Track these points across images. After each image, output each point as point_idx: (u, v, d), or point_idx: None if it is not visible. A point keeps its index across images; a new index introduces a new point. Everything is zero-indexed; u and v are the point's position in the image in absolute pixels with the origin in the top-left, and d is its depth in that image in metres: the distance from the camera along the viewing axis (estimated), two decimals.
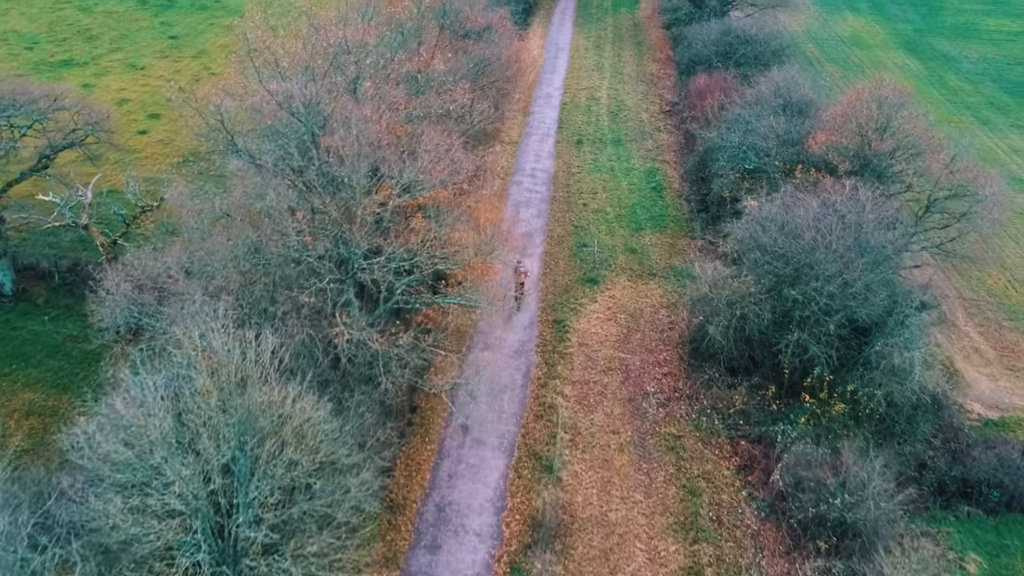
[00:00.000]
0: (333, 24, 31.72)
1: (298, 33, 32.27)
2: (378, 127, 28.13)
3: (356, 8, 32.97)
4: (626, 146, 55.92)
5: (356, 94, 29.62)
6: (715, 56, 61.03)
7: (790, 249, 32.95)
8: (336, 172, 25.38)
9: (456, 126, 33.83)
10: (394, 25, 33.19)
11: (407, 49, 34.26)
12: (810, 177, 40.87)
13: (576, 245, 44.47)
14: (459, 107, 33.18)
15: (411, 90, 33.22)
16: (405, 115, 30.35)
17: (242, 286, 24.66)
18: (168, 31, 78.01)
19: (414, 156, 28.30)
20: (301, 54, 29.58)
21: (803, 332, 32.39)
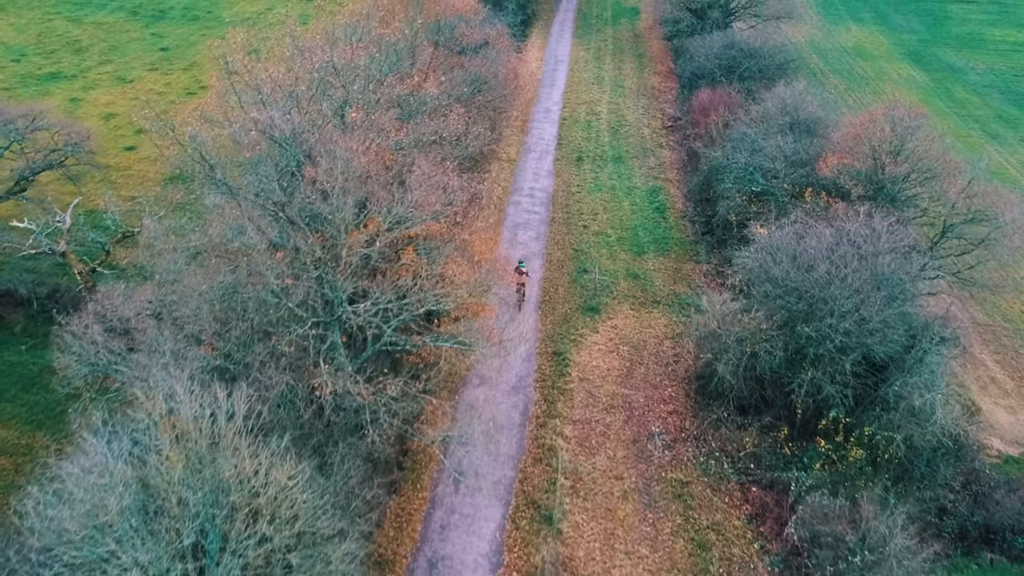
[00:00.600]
0: (319, 46, 29.81)
1: (282, 55, 30.39)
2: (366, 157, 26.21)
3: (343, 28, 31.07)
4: (627, 163, 54.04)
5: (343, 121, 27.73)
6: (718, 70, 59.22)
7: (803, 283, 31.05)
8: (320, 209, 23.47)
9: (450, 151, 31.95)
10: (383, 47, 31.31)
11: (398, 71, 32.33)
12: (821, 201, 39.03)
13: (576, 270, 42.55)
14: (453, 133, 31.32)
15: (402, 114, 31.35)
16: (395, 143, 28.46)
17: (216, 333, 22.72)
18: (159, 43, 76.18)
19: (405, 189, 26.38)
20: (285, 78, 27.68)
21: (817, 371, 30.49)
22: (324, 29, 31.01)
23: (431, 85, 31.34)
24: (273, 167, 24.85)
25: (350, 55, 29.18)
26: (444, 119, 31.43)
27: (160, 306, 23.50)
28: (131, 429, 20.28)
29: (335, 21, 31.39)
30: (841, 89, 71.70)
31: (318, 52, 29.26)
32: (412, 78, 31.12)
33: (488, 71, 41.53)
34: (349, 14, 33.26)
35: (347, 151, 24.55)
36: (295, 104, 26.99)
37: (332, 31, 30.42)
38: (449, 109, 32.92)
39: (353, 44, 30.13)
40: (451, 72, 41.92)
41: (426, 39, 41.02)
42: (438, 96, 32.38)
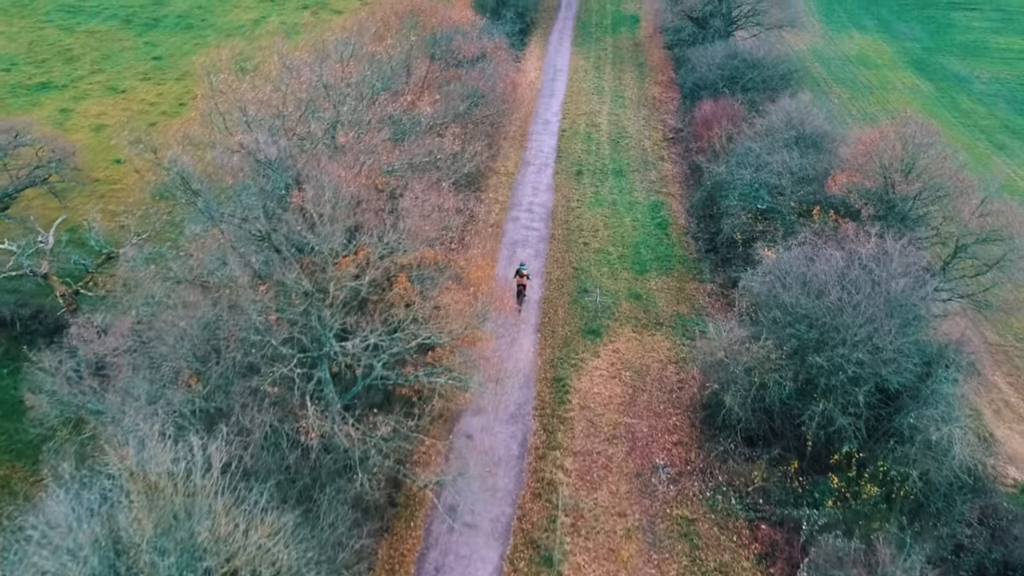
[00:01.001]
0: (307, 63, 28.42)
1: (268, 74, 29.00)
2: (357, 182, 24.83)
3: (334, 46, 29.68)
4: (628, 177, 52.68)
5: (333, 142, 26.36)
6: (720, 81, 57.92)
7: (814, 310, 29.68)
8: (307, 239, 22.09)
9: (446, 172, 30.57)
10: (375, 64, 29.95)
11: (391, 88, 30.91)
12: (829, 220, 37.68)
13: (577, 290, 41.17)
14: (448, 154, 29.93)
15: (396, 133, 29.96)
16: (387, 166, 27.08)
17: (195, 373, 21.32)
18: (152, 52, 74.78)
19: (397, 215, 25.00)
20: (272, 98, 26.29)
21: (829, 402, 29.11)
22: (314, 45, 29.62)
23: (426, 103, 29.97)
24: (258, 193, 23.48)
25: (340, 73, 27.80)
26: (439, 139, 30.04)
27: (137, 343, 22.10)
28: (101, 482, 18.88)
29: (325, 37, 29.95)
30: (845, 99, 70.42)
31: (306, 70, 27.89)
32: (406, 96, 29.71)
33: (485, 85, 40.14)
34: (339, 29, 31.87)
35: (336, 177, 23.16)
36: (282, 126, 25.61)
37: (322, 48, 29.01)
38: (444, 128, 31.51)
39: (344, 61, 28.75)
40: (448, 85, 40.57)
41: (422, 52, 39.67)
42: (433, 115, 30.96)
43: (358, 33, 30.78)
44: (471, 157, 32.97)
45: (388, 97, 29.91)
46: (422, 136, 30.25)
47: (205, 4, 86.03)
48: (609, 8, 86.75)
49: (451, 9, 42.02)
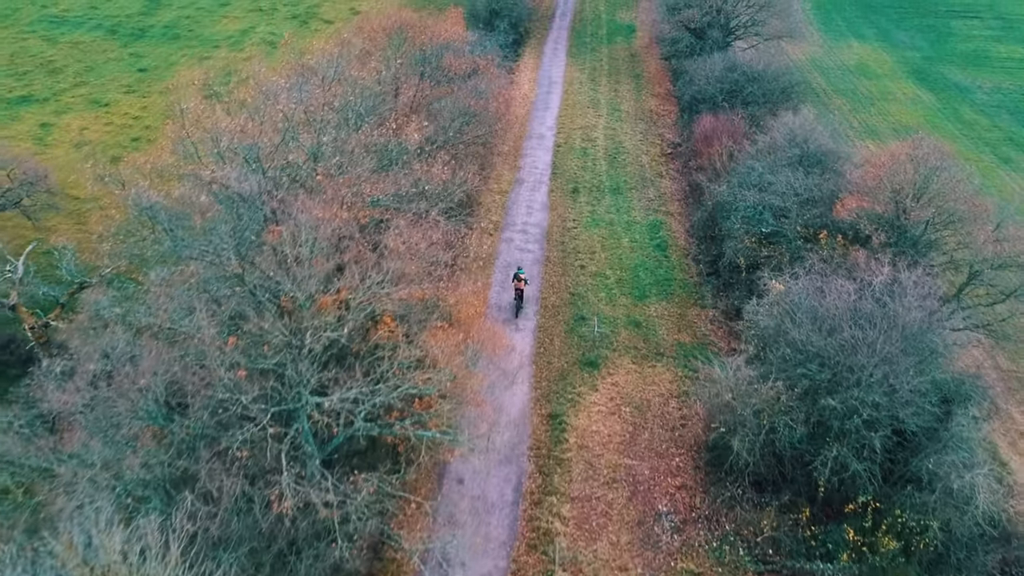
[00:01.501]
0: (286, 89, 26.50)
1: (244, 100, 27.05)
2: (338, 218, 22.94)
3: (315, 71, 27.76)
4: (626, 195, 50.85)
5: (312, 175, 24.47)
6: (720, 94, 56.13)
7: (826, 348, 27.87)
8: (281, 286, 20.20)
9: (435, 201, 28.70)
10: (359, 90, 27.99)
11: (376, 115, 28.97)
12: (837, 245, 35.91)
13: (573, 317, 39.29)
14: (437, 184, 28.06)
15: (382, 160, 28.07)
16: (372, 199, 25.20)
17: (157, 436, 19.42)
18: (137, 63, 72.75)
19: (381, 254, 23.10)
20: (247, 128, 24.37)
21: (842, 446, 27.29)
22: (293, 68, 27.63)
23: (413, 130, 28.09)
24: (230, 233, 21.59)
25: (322, 98, 25.93)
26: (427, 168, 28.18)
27: (95, 400, 20.16)
28: (52, 562, 16.92)
29: (304, 60, 27.97)
30: (845, 111, 68.75)
31: (284, 96, 25.98)
32: (391, 122, 27.83)
33: (477, 104, 38.27)
34: (320, 52, 30.03)
35: (315, 215, 21.26)
36: (257, 158, 23.70)
37: (302, 71, 27.06)
38: (433, 154, 29.62)
39: (325, 86, 26.88)
40: (439, 102, 38.66)
41: (411, 70, 37.79)
42: (421, 141, 29.06)
43: (342, 53, 28.79)
44: (462, 183, 31.13)
45: (373, 123, 28.01)
46: (410, 163, 28.35)
47: (193, 14, 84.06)
48: (604, 17, 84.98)
49: (441, 24, 40.14)
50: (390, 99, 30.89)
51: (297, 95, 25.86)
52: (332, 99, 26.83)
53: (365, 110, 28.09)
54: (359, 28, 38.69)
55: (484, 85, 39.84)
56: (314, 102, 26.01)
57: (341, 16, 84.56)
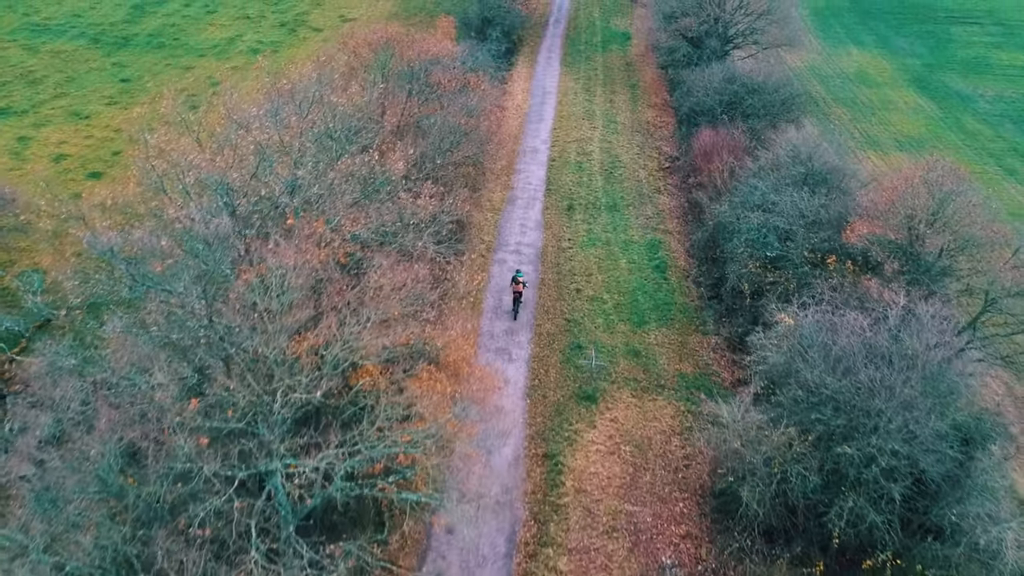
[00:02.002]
0: (258, 118, 24.42)
1: (213, 132, 24.95)
2: (316, 258, 20.91)
3: (293, 97, 25.67)
4: (623, 212, 48.90)
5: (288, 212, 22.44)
6: (719, 106, 54.23)
7: (841, 390, 25.93)
8: (249, 343, 18.18)
9: (423, 232, 26.69)
10: (339, 117, 25.95)
11: (359, 140, 26.87)
12: (846, 271, 34.03)
13: (569, 346, 37.29)
14: (425, 216, 26.03)
15: (365, 190, 26.02)
16: (352, 234, 23.19)
17: (109, 513, 17.38)
18: (120, 73, 70.52)
19: (361, 296, 21.08)
20: (218, 162, 22.31)
21: (859, 496, 25.36)
22: (268, 94, 25.51)
23: (398, 158, 26.05)
24: (194, 280, 19.55)
25: (300, 127, 23.89)
26: (413, 199, 26.15)
27: (39, 472, 18.11)
28: None
29: (280, 86, 25.85)
30: (846, 120, 66.98)
31: (257, 126, 23.90)
32: (375, 152, 25.76)
33: (468, 122, 36.26)
34: (297, 76, 27.95)
35: (287, 260, 19.22)
36: (227, 193, 21.65)
37: (277, 98, 24.93)
38: (419, 184, 27.57)
39: (302, 114, 24.84)
40: (428, 119, 36.64)
41: (398, 87, 35.75)
42: (407, 169, 27.02)
43: (321, 76, 26.64)
44: (451, 211, 29.15)
45: (354, 153, 25.94)
46: (395, 192, 26.32)
47: (179, 22, 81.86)
48: (599, 24, 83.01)
49: (429, 40, 38.11)
50: (375, 119, 28.83)
51: (272, 124, 23.81)
52: (311, 126, 24.81)
53: (346, 136, 26.04)
54: (344, 43, 36.66)
55: (475, 102, 37.80)
56: (290, 131, 23.98)
57: (330, 24, 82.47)
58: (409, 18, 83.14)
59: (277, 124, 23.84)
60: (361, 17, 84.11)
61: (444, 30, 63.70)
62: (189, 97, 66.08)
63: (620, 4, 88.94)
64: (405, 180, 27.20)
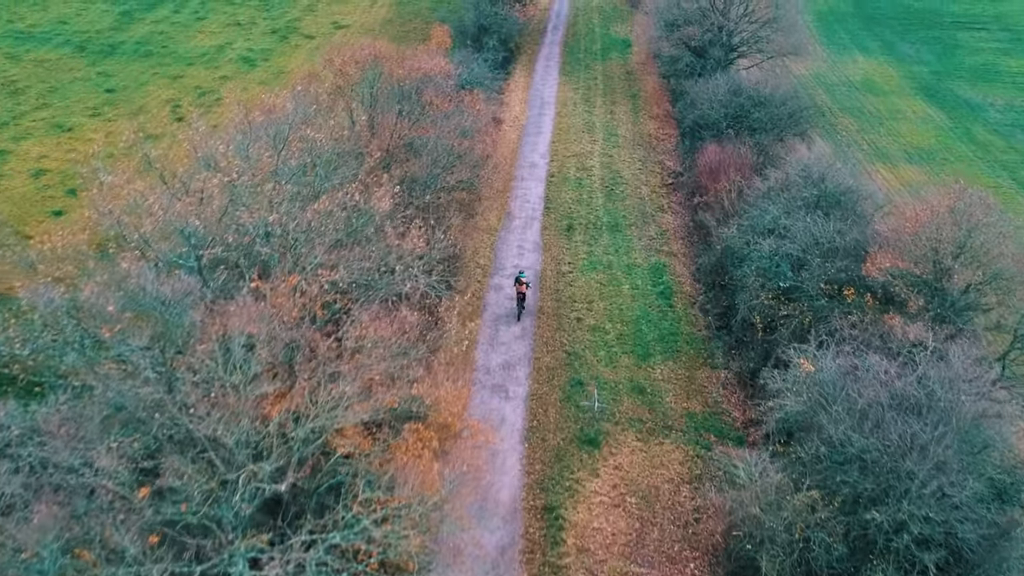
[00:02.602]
0: (227, 156, 21.93)
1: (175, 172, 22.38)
2: (290, 315, 18.48)
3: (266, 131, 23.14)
4: (625, 233, 46.47)
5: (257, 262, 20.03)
6: (724, 120, 51.84)
7: (867, 448, 23.55)
8: (204, 424, 15.79)
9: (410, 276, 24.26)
10: (316, 154, 23.46)
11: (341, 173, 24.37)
12: (866, 305, 31.67)
13: (569, 382, 34.89)
14: (411, 256, 23.58)
15: (347, 228, 23.57)
16: (331, 283, 20.76)
17: None
18: (105, 83, 67.91)
19: (339, 355, 18.67)
20: (179, 207, 19.86)
21: (888, 565, 23.00)
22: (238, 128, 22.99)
23: (383, 194, 23.58)
24: (146, 347, 17.15)
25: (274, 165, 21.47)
26: (399, 240, 23.67)
27: None
28: None
29: (251, 118, 23.25)
30: (853, 131, 64.61)
31: (224, 163, 21.43)
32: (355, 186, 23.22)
33: (462, 145, 33.82)
34: (268, 109, 25.45)
35: (252, 326, 16.79)
36: (190, 243, 19.24)
37: (248, 132, 22.33)
38: (407, 219, 25.09)
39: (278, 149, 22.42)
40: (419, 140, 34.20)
41: (386, 106, 33.30)
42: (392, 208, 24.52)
43: (301, 103, 24.06)
44: (442, 247, 26.75)
45: (336, 185, 23.47)
46: (381, 229, 23.85)
47: (167, 29, 79.29)
48: (598, 31, 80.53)
49: (420, 56, 35.51)
50: (359, 150, 26.26)
51: (243, 161, 21.37)
52: (286, 161, 22.39)
53: (326, 173, 23.59)
54: (329, 60, 34.19)
55: (469, 123, 35.37)
56: (263, 168, 21.57)
57: (323, 31, 79.91)
58: (403, 24, 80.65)
59: (248, 162, 21.42)
60: (355, 24, 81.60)
61: (439, 39, 61.23)
62: (174, 109, 63.72)
63: (620, 10, 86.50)
64: (391, 216, 24.75)
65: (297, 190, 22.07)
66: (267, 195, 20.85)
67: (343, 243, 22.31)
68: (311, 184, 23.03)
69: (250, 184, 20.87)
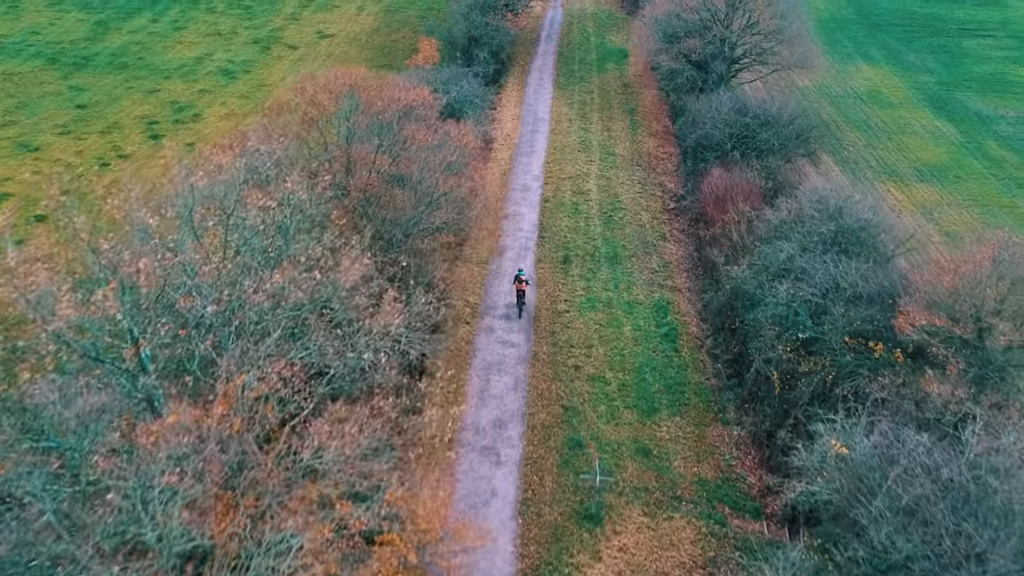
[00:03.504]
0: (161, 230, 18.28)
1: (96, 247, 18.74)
2: (233, 429, 14.94)
3: (212, 194, 19.43)
4: (624, 265, 43.03)
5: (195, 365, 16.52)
6: (728, 140, 48.39)
7: (916, 557, 20.19)
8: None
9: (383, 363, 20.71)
10: (267, 223, 19.79)
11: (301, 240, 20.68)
12: (895, 360, 28.32)
13: (567, 443, 31.47)
14: (387, 339, 20.00)
15: (310, 303, 20.01)
16: (284, 378, 17.22)
17: None
18: (77, 97, 64.11)
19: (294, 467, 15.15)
20: (100, 297, 16.26)
21: None
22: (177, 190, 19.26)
23: (350, 266, 19.95)
24: (47, 484, 13.64)
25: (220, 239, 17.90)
26: (372, 312, 20.15)
27: None
28: None
29: (195, 179, 19.46)
30: (860, 146, 61.25)
31: (157, 238, 17.82)
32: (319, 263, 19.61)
33: (447, 184, 30.25)
34: (214, 168, 21.67)
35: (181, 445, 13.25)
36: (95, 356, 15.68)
37: (189, 196, 18.59)
38: (381, 292, 21.48)
39: (225, 223, 18.85)
40: (400, 182, 30.69)
41: (364, 140, 29.74)
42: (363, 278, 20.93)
43: (242, 175, 20.19)
44: (421, 315, 23.26)
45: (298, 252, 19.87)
46: (347, 305, 20.25)
47: (144, 39, 75.45)
48: (593, 40, 76.95)
49: (400, 86, 31.67)
50: (324, 217, 22.51)
51: (183, 233, 17.79)
52: (239, 227, 18.84)
53: (286, 239, 19.92)
54: (300, 89, 30.63)
55: (456, 157, 31.77)
56: (206, 243, 17.98)
57: (307, 40, 76.21)
58: (391, 34, 76.97)
59: (191, 233, 17.84)
60: (340, 33, 77.88)
61: (426, 53, 57.71)
62: (149, 126, 59.99)
63: (616, 18, 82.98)
64: (363, 284, 21.15)
65: (249, 262, 18.54)
66: (211, 273, 17.33)
67: (298, 333, 18.73)
68: (267, 254, 19.48)
69: (191, 262, 17.34)
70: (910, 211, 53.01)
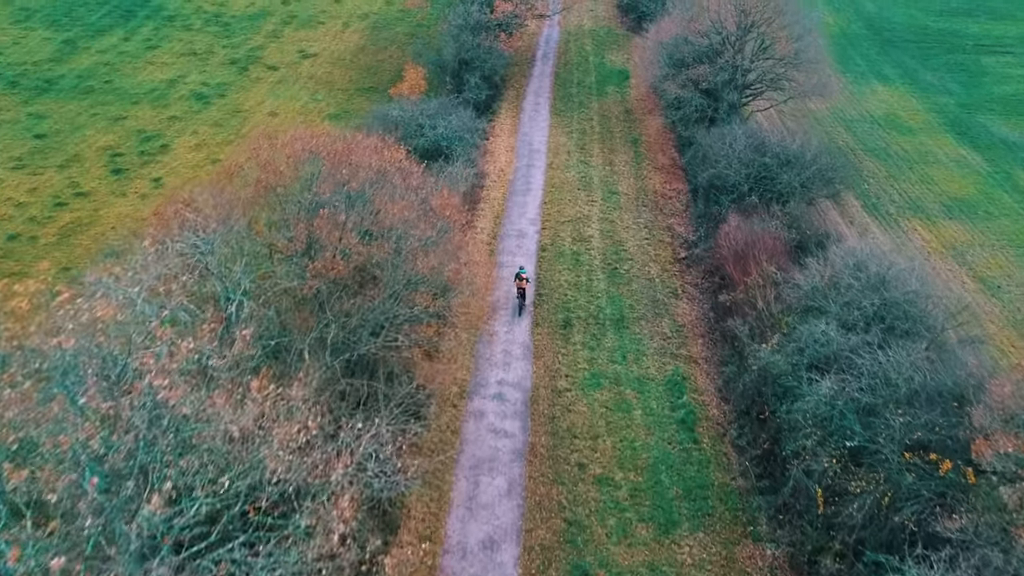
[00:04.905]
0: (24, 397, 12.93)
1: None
2: None
3: (108, 334, 14.13)
4: (632, 330, 37.81)
5: None
6: (745, 181, 43.28)
7: None
8: None
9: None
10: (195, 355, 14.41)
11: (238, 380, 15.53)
12: (966, 480, 23.20)
13: (572, 569, 26.21)
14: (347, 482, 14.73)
15: (238, 455, 14.62)
16: None
17: None
18: (35, 126, 58.62)
19: None
20: None
21: None
22: (46, 333, 14.12)
23: (298, 423, 14.62)
24: None
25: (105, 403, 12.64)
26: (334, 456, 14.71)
27: None
28: None
29: (58, 320, 14.32)
30: (881, 177, 56.16)
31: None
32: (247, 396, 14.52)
33: (426, 264, 24.94)
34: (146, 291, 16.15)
35: None
36: None
37: (94, 325, 13.49)
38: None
39: (123, 379, 13.55)
40: (371, 266, 25.34)
41: (329, 214, 24.41)
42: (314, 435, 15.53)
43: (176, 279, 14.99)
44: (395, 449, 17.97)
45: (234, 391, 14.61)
46: (305, 454, 14.91)
47: (114, 60, 69.91)
48: (592, 60, 71.58)
49: (369, 149, 26.12)
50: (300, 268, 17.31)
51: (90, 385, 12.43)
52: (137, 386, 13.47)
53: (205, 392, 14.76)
54: (253, 152, 25.32)
55: (436, 234, 26.31)
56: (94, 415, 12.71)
57: (288, 60, 70.74)
58: (377, 53, 71.52)
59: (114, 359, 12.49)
60: (324, 52, 72.44)
61: (412, 81, 52.36)
62: (112, 158, 54.52)
63: (615, 35, 77.67)
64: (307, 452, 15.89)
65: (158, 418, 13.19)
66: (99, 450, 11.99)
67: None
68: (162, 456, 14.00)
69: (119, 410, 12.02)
70: (940, 253, 48.00)
